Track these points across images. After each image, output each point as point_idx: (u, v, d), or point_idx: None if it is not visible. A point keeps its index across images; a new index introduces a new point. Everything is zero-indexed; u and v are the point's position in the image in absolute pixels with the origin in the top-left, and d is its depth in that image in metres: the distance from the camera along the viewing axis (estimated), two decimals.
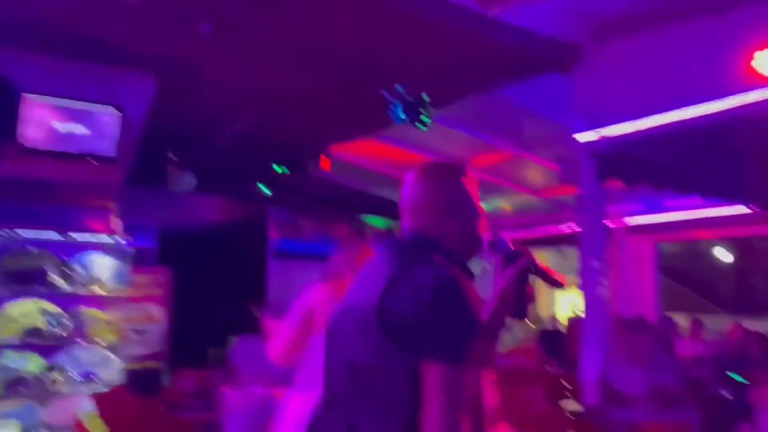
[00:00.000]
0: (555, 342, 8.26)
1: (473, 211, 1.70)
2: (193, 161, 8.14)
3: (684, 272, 33.29)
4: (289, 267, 9.35)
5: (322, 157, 8.16)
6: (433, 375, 1.37)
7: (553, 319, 12.80)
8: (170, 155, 7.77)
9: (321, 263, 9.45)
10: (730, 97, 4.78)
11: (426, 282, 1.44)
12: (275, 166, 8.38)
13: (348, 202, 11.12)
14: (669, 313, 10.90)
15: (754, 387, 5.16)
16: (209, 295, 10.22)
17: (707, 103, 4.86)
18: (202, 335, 8.92)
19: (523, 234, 11.05)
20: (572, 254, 7.36)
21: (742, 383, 5.06)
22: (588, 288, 5.11)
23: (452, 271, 1.52)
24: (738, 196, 6.66)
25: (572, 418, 4.45)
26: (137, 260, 5.77)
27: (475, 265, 1.72)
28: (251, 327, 4.82)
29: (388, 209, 11.10)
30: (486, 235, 1.74)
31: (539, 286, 1.81)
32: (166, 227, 9.25)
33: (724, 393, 4.94)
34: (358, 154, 8.67)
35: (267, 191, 9.21)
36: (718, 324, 11.28)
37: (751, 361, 5.77)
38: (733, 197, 6.69)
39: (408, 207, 1.69)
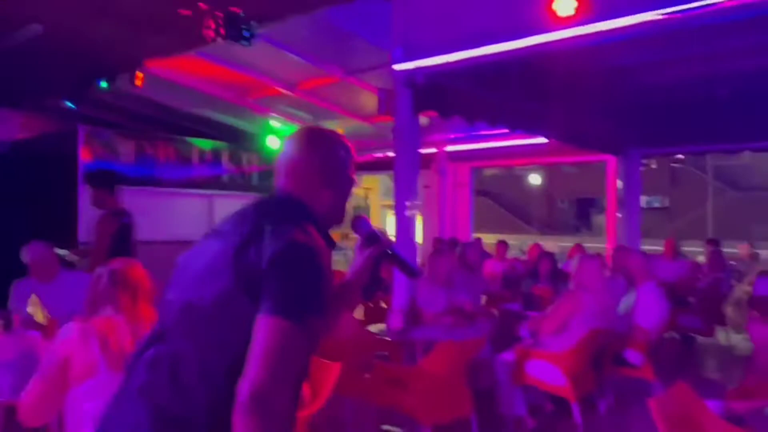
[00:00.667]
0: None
1: (347, 184, 1.74)
2: None
3: (502, 195, 36.27)
4: None
5: (137, 72, 7.52)
6: (267, 327, 1.38)
7: None
8: None
9: (141, 189, 9.05)
10: (533, 36, 5.08)
11: (286, 240, 1.46)
12: (86, 80, 7.61)
13: (170, 122, 10.51)
14: (488, 234, 11.94)
15: (540, 299, 5.86)
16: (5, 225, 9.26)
17: (513, 41, 5.12)
18: None
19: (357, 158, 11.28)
20: None
21: (530, 294, 5.72)
22: (399, 213, 5.33)
23: (314, 237, 1.54)
24: (540, 128, 7.28)
25: (380, 339, 4.72)
26: None
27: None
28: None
29: (214, 130, 10.67)
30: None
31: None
32: None
33: (514, 306, 5.54)
34: (181, 71, 8.14)
35: (72, 106, 8.36)
36: (530, 243, 12.40)
37: (540, 277, 6.52)
38: (536, 129, 7.29)
39: (285, 168, 1.70)
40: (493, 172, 32.86)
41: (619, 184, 9.04)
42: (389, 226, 14.33)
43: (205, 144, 10.20)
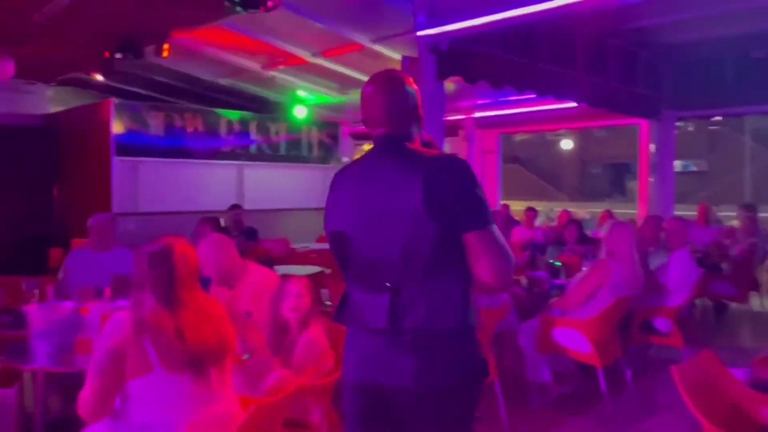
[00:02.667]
0: None
1: (421, 114, 1.95)
2: (11, 43, 7.25)
3: (533, 162, 35.70)
4: (135, 165, 8.85)
5: (164, 44, 7.57)
6: (477, 237, 1.73)
7: None
8: None
9: (170, 161, 9.16)
10: None
11: (456, 166, 1.78)
12: (115, 52, 7.68)
13: (198, 93, 10.59)
14: (519, 201, 11.81)
15: (566, 267, 5.82)
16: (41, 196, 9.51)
17: (539, 3, 5.01)
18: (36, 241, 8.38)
19: None
20: None
21: (555, 265, 5.68)
22: None
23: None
24: (568, 93, 7.13)
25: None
26: None
27: None
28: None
29: (241, 101, 10.72)
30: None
31: None
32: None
33: (541, 274, 5.51)
34: (207, 42, 8.17)
35: (103, 79, 8.48)
36: (559, 209, 12.25)
37: (567, 244, 6.46)
38: (564, 93, 7.15)
39: (380, 114, 1.89)
40: (523, 138, 32.35)
41: (652, 148, 8.83)
42: None
43: (233, 115, 10.26)
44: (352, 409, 1.91)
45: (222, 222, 4.10)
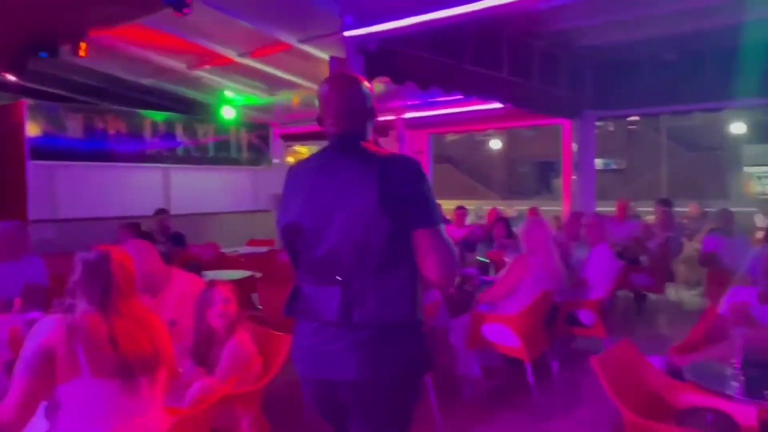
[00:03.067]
0: None
1: (375, 114, 2.04)
2: None
3: (464, 161, 36.36)
4: (52, 169, 8.43)
5: (81, 42, 7.24)
6: (426, 234, 1.81)
7: None
8: None
9: (91, 165, 8.77)
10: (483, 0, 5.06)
11: (410, 166, 1.86)
12: (28, 51, 7.28)
13: (120, 94, 10.20)
14: (451, 200, 12.02)
15: (494, 264, 5.94)
16: None
17: (464, 5, 5.10)
18: None
19: (311, 128, 11.17)
20: None
21: (484, 262, 5.80)
22: None
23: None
24: (493, 94, 7.29)
25: None
26: None
27: None
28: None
29: (166, 102, 10.40)
30: None
31: None
32: None
33: (471, 271, 5.61)
34: (129, 41, 7.87)
35: (15, 79, 8.04)
36: (488, 208, 12.48)
37: (495, 241, 6.61)
38: (490, 94, 7.31)
39: (337, 112, 1.96)
40: (454, 138, 32.95)
41: (574, 147, 9.16)
42: None
43: (158, 116, 9.94)
44: (307, 399, 2.01)
45: (144, 227, 3.95)
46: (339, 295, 1.82)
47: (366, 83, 2.01)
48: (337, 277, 1.83)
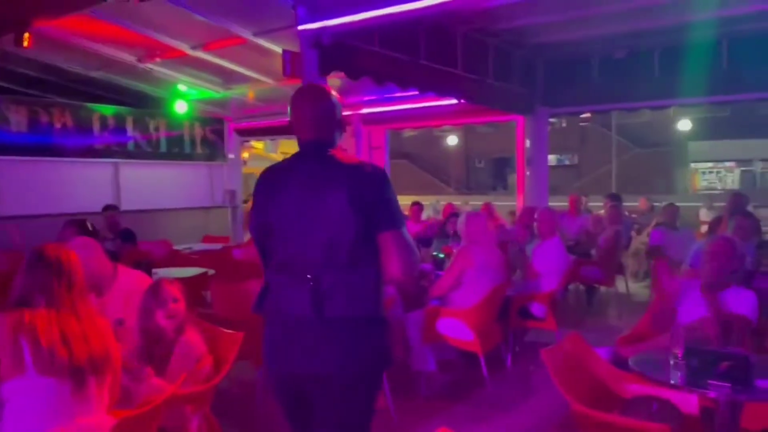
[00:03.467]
0: None
1: (343, 124, 2.19)
2: None
3: (421, 157, 36.53)
4: None
5: (24, 33, 6.96)
6: (391, 236, 1.94)
7: None
8: None
9: (36, 160, 8.47)
10: None
11: (376, 174, 2.01)
12: None
13: (67, 86, 9.86)
14: (409, 196, 12.04)
15: (449, 259, 5.98)
16: None
17: (417, 0, 5.10)
18: None
19: (267, 123, 11.04)
20: None
21: (438, 257, 5.84)
22: None
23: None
24: (448, 90, 7.34)
25: None
26: None
27: None
28: None
29: (116, 95, 10.10)
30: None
31: None
32: None
33: (425, 267, 5.64)
34: (77, 32, 7.61)
35: None
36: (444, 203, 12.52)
37: (449, 237, 6.66)
38: (445, 91, 7.35)
39: (307, 121, 2.09)
40: (411, 134, 33.05)
41: (528, 143, 9.30)
42: None
43: (107, 110, 9.67)
44: (276, 394, 2.12)
45: (89, 225, 3.83)
46: (309, 291, 1.94)
47: (335, 93, 2.17)
48: (308, 275, 1.94)
